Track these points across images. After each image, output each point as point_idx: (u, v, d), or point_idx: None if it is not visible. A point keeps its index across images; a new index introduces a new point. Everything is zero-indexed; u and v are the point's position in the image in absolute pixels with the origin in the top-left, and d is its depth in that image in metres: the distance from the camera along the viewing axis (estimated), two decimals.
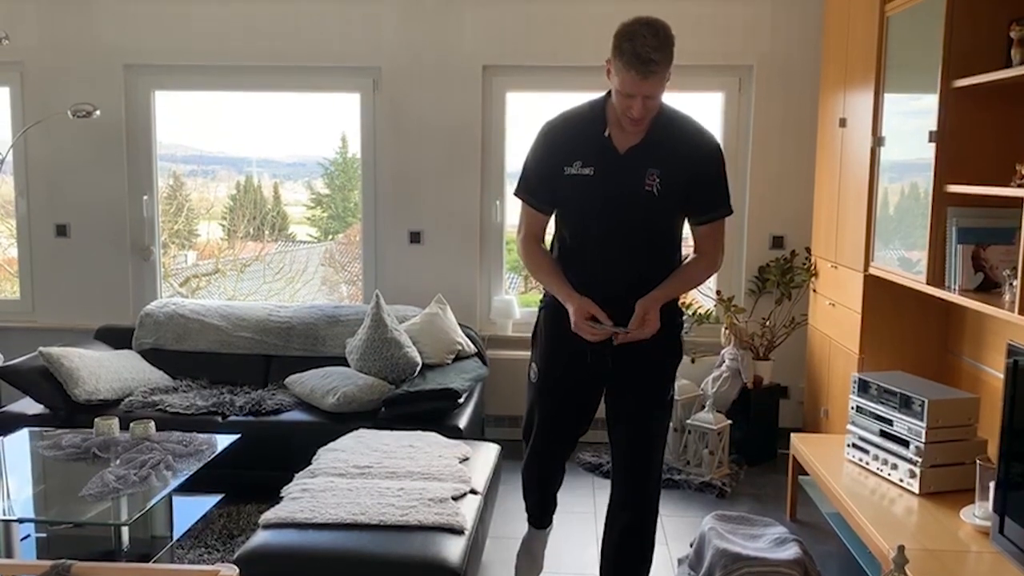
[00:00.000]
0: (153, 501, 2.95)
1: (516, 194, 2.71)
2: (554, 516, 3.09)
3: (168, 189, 5.50)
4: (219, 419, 3.93)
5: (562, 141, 2.59)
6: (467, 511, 2.85)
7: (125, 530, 3.08)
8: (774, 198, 4.80)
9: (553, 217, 2.71)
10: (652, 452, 2.72)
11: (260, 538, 2.66)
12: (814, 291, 4.52)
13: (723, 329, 4.57)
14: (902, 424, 3.14)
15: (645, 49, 2.32)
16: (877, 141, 3.69)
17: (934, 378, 3.46)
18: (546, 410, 2.79)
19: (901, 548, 2.44)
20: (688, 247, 2.75)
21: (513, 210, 4.77)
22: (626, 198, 2.54)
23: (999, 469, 2.65)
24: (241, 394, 4.19)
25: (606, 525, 2.81)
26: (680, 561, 3.27)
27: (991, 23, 3.06)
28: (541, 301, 2.82)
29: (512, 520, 3.59)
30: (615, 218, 2.56)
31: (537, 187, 2.65)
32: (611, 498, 2.78)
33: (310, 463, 3.20)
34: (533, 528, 3.07)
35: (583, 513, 3.85)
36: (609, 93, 2.54)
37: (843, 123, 4.08)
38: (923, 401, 3.05)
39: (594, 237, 2.60)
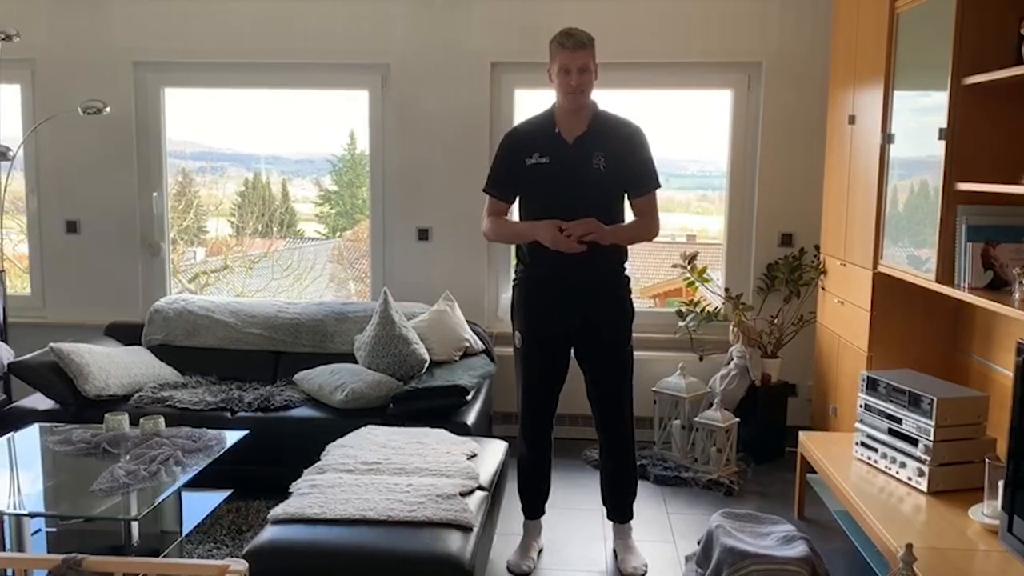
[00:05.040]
0: (162, 496, 2.96)
1: (484, 189, 3.30)
2: (546, 506, 3.51)
3: (177, 186, 5.52)
4: (228, 415, 3.95)
5: (522, 140, 3.22)
6: (475, 507, 2.85)
7: (135, 525, 3.09)
8: (783, 195, 4.79)
9: (520, 213, 3.28)
10: (621, 399, 3.31)
11: (269, 533, 2.67)
12: (823, 289, 4.51)
13: (731, 327, 4.57)
14: (911, 422, 3.13)
15: (572, 30, 3.08)
16: (886, 138, 3.68)
17: (943, 376, 3.45)
18: (533, 364, 3.31)
19: (909, 546, 2.44)
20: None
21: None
22: (578, 177, 3.12)
23: (1008, 467, 2.64)
24: (250, 390, 4.21)
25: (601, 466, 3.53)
26: (687, 559, 3.27)
27: (1001, 20, 3.05)
28: (515, 280, 3.35)
29: (519, 516, 3.60)
30: (570, 195, 3.11)
31: (502, 180, 3.26)
32: (599, 446, 3.47)
33: (319, 459, 3.21)
34: (527, 520, 3.50)
35: (590, 510, 3.86)
36: (554, 105, 3.21)
37: (852, 120, 4.06)
38: (932, 399, 3.04)
39: (555, 215, 3.08)
